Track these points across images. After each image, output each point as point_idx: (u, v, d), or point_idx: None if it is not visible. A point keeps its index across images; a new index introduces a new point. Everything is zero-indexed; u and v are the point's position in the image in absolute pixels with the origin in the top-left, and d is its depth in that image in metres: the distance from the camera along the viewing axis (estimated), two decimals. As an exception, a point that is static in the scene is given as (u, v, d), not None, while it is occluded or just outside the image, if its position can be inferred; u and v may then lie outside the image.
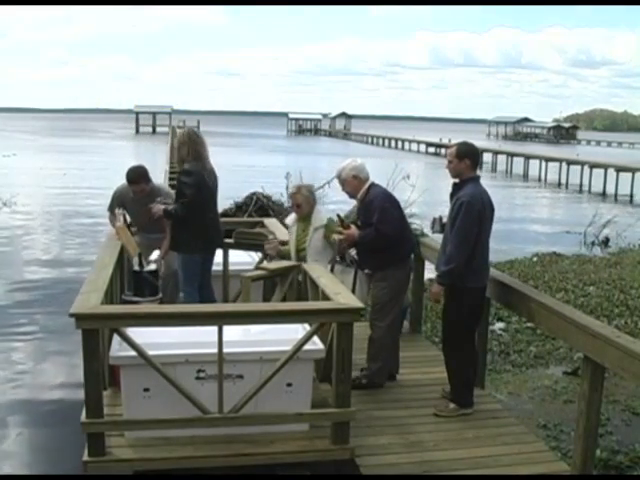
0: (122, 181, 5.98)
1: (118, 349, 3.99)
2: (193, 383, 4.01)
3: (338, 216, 5.42)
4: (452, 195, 4.89)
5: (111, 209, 6.10)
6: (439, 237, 5.16)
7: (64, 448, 5.05)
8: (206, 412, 3.96)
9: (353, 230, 5.20)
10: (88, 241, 13.70)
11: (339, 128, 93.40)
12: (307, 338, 4.03)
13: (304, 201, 5.53)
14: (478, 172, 4.99)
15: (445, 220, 5.00)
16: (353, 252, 5.50)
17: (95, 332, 3.82)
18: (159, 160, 27.50)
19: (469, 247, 4.65)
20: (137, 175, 5.91)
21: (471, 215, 4.62)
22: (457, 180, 4.88)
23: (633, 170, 27.98)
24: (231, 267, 6.27)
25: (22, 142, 54.88)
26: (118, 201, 6.06)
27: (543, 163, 35.15)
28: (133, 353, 3.86)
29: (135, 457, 3.94)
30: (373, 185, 5.28)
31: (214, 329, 3.88)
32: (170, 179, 11.60)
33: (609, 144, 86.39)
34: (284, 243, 5.80)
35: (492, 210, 4.83)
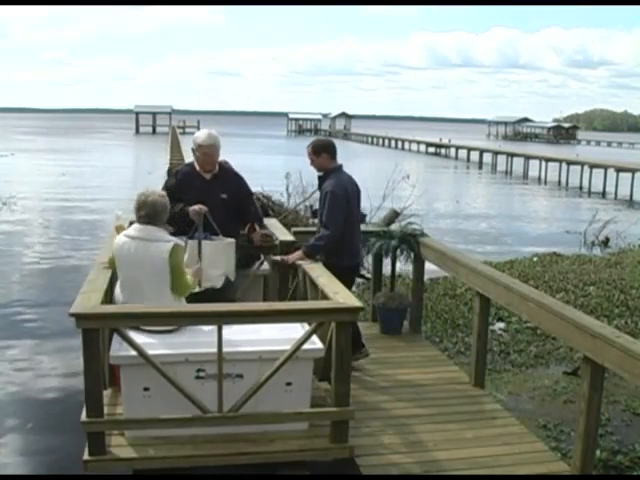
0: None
1: (118, 348, 3.99)
2: (193, 382, 4.01)
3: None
4: (319, 186, 5.57)
5: None
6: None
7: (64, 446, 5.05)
8: (206, 411, 3.96)
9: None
10: (87, 241, 13.70)
11: (339, 128, 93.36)
12: (306, 337, 4.03)
13: None
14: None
15: (315, 208, 5.55)
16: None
17: (95, 332, 3.82)
18: (159, 160, 27.52)
19: (339, 229, 5.30)
20: None
21: (337, 201, 5.28)
22: (321, 173, 5.52)
23: (633, 170, 27.98)
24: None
25: (21, 142, 54.90)
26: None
27: (543, 163, 35.16)
28: (133, 352, 3.85)
29: (135, 456, 3.93)
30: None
31: (214, 328, 3.89)
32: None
33: (609, 144, 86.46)
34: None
35: (357, 193, 5.56)
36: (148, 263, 4.21)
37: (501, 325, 8.05)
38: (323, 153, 5.46)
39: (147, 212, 4.26)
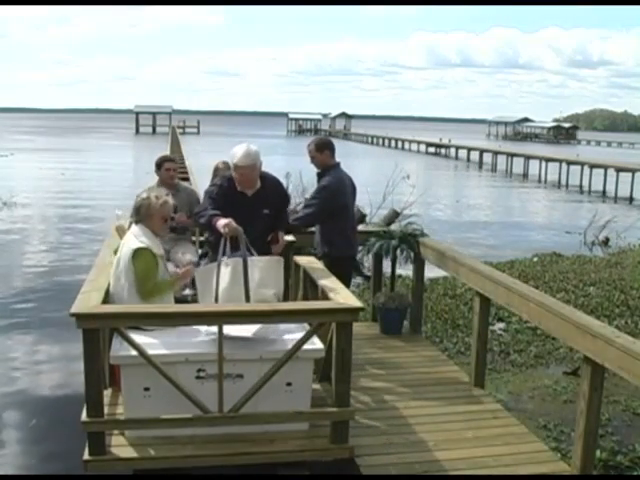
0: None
1: (119, 348, 3.99)
2: (193, 382, 4.01)
3: None
4: (318, 183, 5.76)
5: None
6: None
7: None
8: (206, 411, 3.96)
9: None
10: (88, 243, 13.68)
11: (339, 128, 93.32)
12: (307, 338, 4.03)
13: None
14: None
15: None
16: None
17: (96, 332, 3.83)
18: (159, 160, 27.43)
19: (315, 218, 5.68)
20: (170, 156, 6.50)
21: (326, 193, 5.57)
22: (320, 170, 5.75)
23: (633, 170, 27.98)
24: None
25: (21, 142, 54.87)
26: None
27: (543, 163, 35.15)
28: (133, 352, 3.86)
29: (135, 456, 3.93)
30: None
31: (214, 328, 3.89)
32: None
33: (609, 144, 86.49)
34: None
35: (354, 189, 5.90)
36: (120, 260, 4.37)
37: (501, 325, 8.05)
38: (326, 150, 5.72)
39: None
